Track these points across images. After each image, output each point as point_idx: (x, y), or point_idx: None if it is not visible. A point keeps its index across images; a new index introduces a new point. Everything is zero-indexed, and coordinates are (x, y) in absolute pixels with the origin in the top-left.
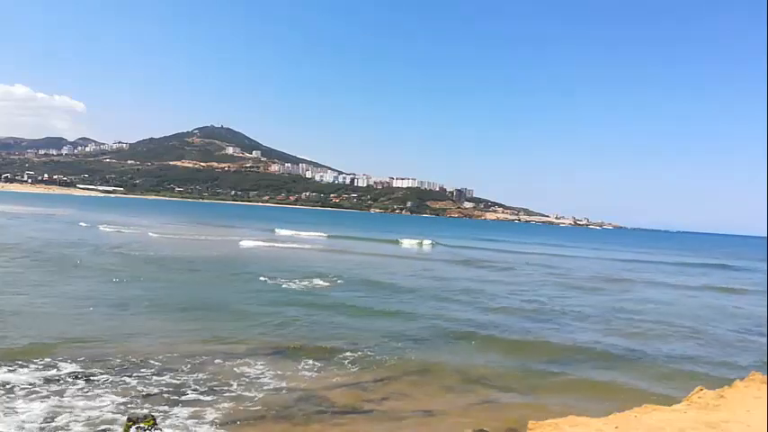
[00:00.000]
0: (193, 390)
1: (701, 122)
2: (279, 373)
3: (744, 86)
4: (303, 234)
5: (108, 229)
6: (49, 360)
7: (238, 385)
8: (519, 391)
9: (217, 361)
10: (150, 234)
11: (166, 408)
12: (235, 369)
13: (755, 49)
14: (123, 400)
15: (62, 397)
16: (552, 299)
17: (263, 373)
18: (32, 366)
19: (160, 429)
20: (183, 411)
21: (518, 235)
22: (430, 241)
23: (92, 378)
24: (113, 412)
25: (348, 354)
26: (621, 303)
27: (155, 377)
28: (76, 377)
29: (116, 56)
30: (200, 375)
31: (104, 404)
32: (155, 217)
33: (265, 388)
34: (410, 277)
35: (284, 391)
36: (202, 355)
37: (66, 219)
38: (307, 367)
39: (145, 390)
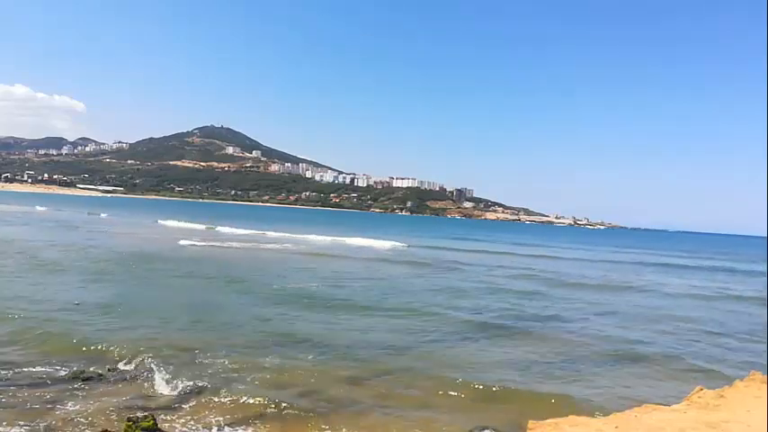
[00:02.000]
0: (192, 388)
1: (700, 122)
2: (277, 370)
3: (744, 86)
4: (270, 234)
5: (62, 226)
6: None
7: (237, 383)
8: (519, 390)
9: (214, 358)
10: (103, 231)
11: (166, 407)
12: (233, 367)
13: (755, 49)
14: (122, 399)
15: (61, 398)
16: (524, 305)
17: (260, 371)
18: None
19: (160, 429)
20: (182, 410)
21: (511, 235)
22: (401, 243)
23: (90, 378)
24: (113, 412)
25: (347, 351)
26: (571, 309)
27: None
28: (74, 378)
29: (116, 56)
30: (199, 374)
31: (103, 404)
32: (135, 216)
33: (264, 385)
34: (345, 282)
35: (283, 388)
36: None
37: (34, 217)
38: (305, 364)
39: (145, 389)
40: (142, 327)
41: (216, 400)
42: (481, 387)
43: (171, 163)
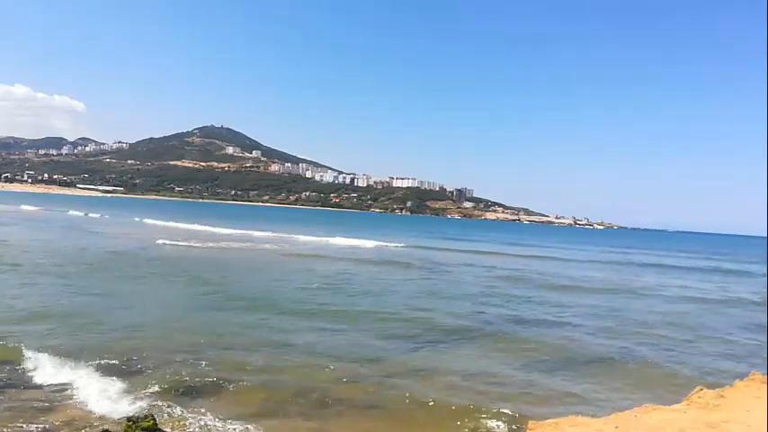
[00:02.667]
0: (192, 387)
1: (701, 122)
2: (277, 369)
3: (744, 86)
4: (256, 234)
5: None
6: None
7: (237, 381)
8: (519, 390)
9: (214, 357)
10: (86, 230)
11: (166, 406)
12: (233, 365)
13: (756, 49)
14: (122, 399)
15: (61, 396)
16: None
17: (261, 370)
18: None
19: (160, 429)
20: (181, 411)
21: (508, 235)
22: (392, 243)
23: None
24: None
25: (346, 350)
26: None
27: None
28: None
29: (116, 56)
30: (198, 372)
31: (103, 404)
32: (126, 215)
33: (264, 383)
34: (318, 283)
35: (284, 386)
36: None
37: (19, 216)
38: (304, 363)
39: (144, 388)
40: (126, 328)
41: (213, 400)
42: (480, 388)
43: (171, 163)
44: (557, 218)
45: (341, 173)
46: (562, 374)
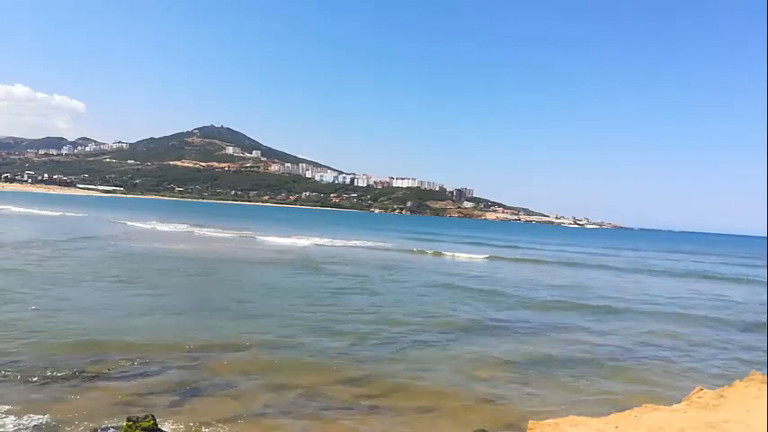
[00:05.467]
0: (193, 387)
1: (700, 122)
2: (278, 369)
3: (745, 86)
4: (200, 231)
5: None
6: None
7: (238, 382)
8: (519, 390)
9: (215, 358)
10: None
11: (166, 406)
12: (234, 366)
13: (757, 48)
14: (122, 399)
15: (61, 397)
16: None
17: (263, 370)
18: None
19: (160, 429)
20: (183, 410)
21: (492, 234)
22: (332, 240)
23: (88, 377)
24: (113, 412)
25: (348, 350)
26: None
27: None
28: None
29: (116, 56)
30: (199, 373)
31: (103, 404)
32: (104, 215)
33: (266, 385)
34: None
35: (285, 388)
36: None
37: None
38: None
39: (144, 389)
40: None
41: (213, 400)
42: (480, 389)
43: (171, 163)
44: (557, 218)
45: (341, 173)
46: (564, 374)
